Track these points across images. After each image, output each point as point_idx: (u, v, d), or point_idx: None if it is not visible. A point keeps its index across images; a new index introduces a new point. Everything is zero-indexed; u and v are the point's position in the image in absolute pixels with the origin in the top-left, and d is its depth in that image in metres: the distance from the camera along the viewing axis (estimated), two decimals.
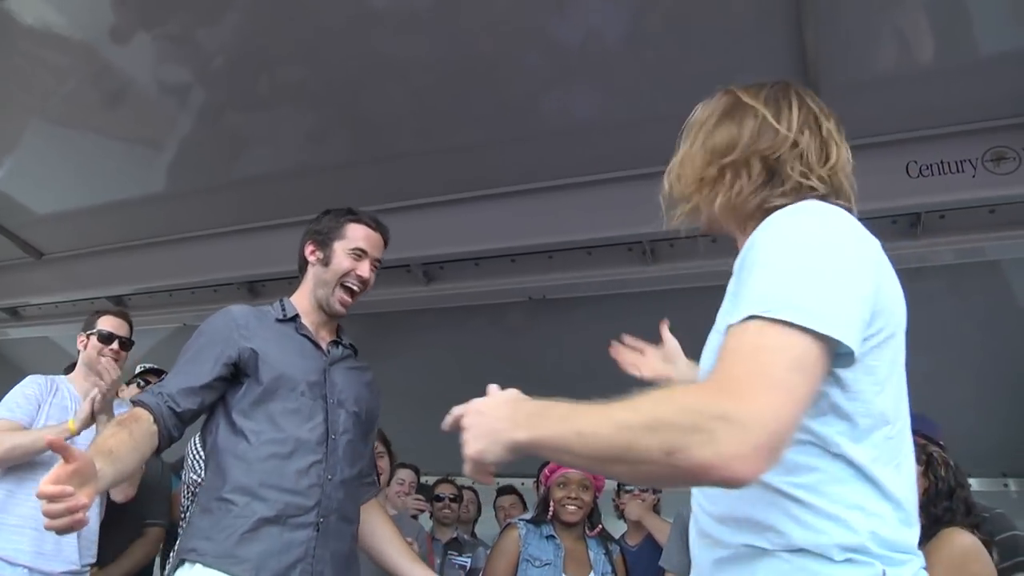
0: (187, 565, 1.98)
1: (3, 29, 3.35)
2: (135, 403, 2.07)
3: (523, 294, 4.07)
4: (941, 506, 2.58)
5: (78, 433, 2.86)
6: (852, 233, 1.25)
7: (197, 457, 3.25)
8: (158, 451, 2.08)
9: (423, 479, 4.68)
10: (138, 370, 3.88)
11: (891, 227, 3.37)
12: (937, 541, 2.47)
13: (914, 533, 1.22)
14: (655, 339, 3.90)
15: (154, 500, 3.54)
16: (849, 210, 1.35)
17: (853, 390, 1.18)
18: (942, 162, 3.17)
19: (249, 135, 3.81)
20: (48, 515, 1.50)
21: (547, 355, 4.60)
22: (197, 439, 3.36)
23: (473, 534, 4.85)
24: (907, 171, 3.22)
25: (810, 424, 1.17)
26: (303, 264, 2.45)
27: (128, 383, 3.68)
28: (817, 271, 1.14)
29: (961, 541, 2.46)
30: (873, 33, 2.89)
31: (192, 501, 3.25)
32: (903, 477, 1.22)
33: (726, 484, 1.03)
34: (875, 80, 3.03)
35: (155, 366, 3.89)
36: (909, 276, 3.56)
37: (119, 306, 4.98)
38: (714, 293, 3.64)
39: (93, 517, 2.95)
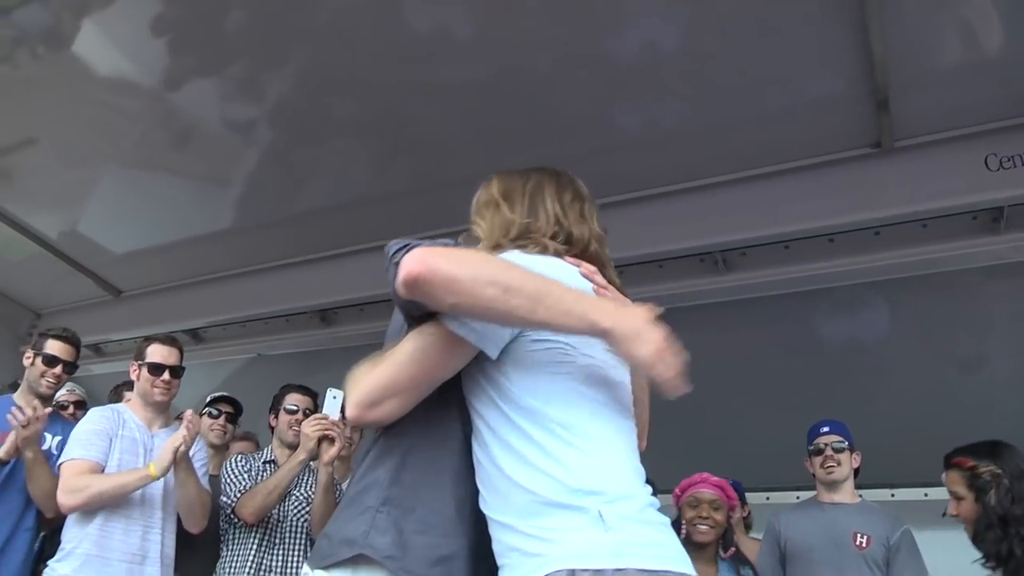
0: None
1: (80, 79, 3.46)
2: None
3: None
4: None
5: (159, 478, 2.93)
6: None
7: (232, 479, 3.33)
8: None
9: None
10: (209, 399, 3.92)
11: (971, 223, 3.25)
12: None
13: None
14: (730, 350, 3.85)
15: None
16: None
17: None
18: None
19: (312, 167, 3.86)
20: None
21: None
22: (233, 460, 3.42)
23: None
24: (986, 164, 3.10)
25: None
26: None
27: (201, 413, 3.72)
28: None
29: None
30: (940, 25, 2.80)
31: (229, 523, 3.32)
32: None
33: None
34: (945, 73, 2.93)
35: (226, 394, 3.91)
36: (990, 273, 3.47)
37: (195, 339, 5.10)
38: (788, 301, 3.57)
39: (170, 544, 3.09)
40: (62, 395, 3.81)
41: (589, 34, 2.96)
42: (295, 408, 3.50)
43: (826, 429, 3.41)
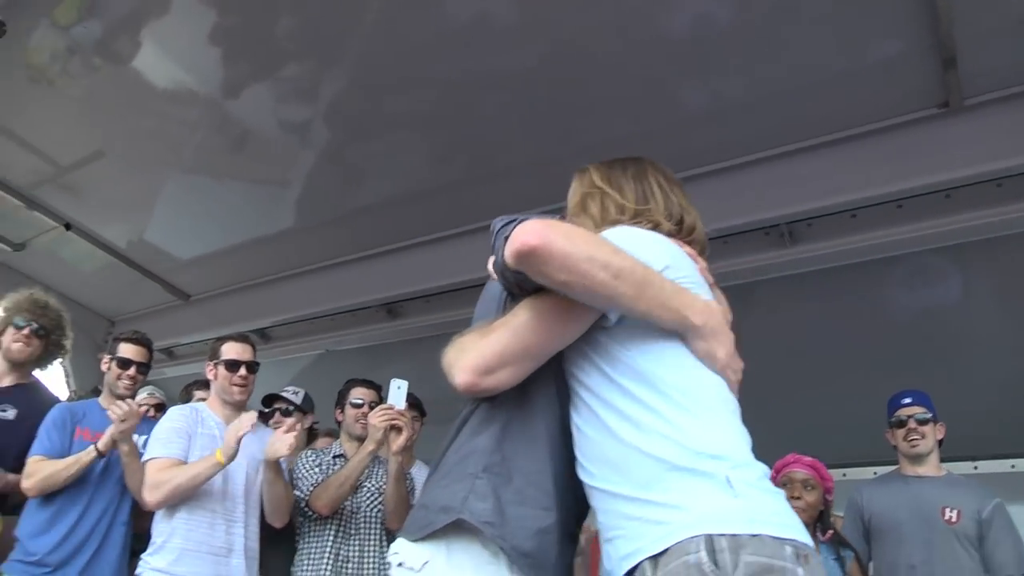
0: None
1: (140, 92, 3.55)
2: None
3: None
4: None
5: (226, 464, 3.00)
6: None
7: (304, 474, 3.39)
8: None
9: None
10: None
11: None
12: None
13: None
14: (799, 324, 3.75)
15: None
16: None
17: None
18: None
19: (369, 163, 3.89)
20: None
21: None
22: (304, 456, 3.48)
23: None
24: None
25: None
26: None
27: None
28: None
29: None
30: None
31: (304, 517, 3.37)
32: None
33: None
34: (1014, 25, 2.78)
35: (278, 392, 3.93)
36: None
37: (263, 338, 5.20)
38: (857, 271, 3.48)
39: (254, 537, 3.18)
40: (142, 398, 3.92)
41: (640, 11, 2.90)
42: (360, 402, 3.56)
43: (908, 400, 3.31)
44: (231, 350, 3.34)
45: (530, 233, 1.39)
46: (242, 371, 3.31)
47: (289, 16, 3.14)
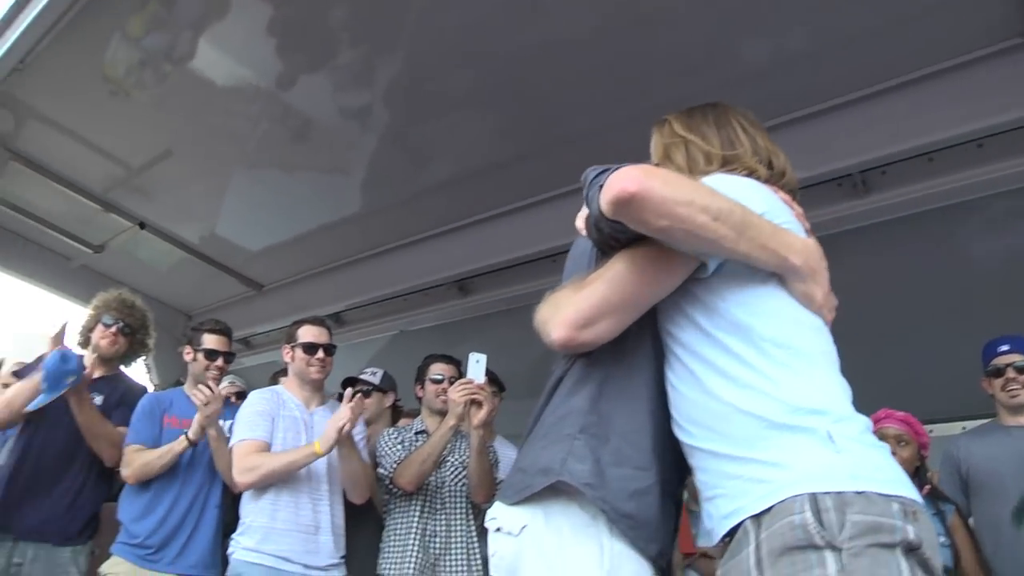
0: None
1: (202, 91, 3.61)
2: None
3: None
4: None
5: (324, 455, 3.10)
6: None
7: (387, 451, 3.43)
8: None
9: None
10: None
11: None
12: None
13: None
14: (878, 276, 3.61)
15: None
16: None
17: None
18: None
19: (432, 142, 3.88)
20: None
21: None
22: (386, 434, 3.52)
23: None
24: None
25: None
26: None
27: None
28: None
29: None
30: None
31: (390, 494, 3.42)
32: None
33: None
34: None
35: (356, 375, 4.01)
36: None
37: (338, 322, 5.29)
38: (936, 217, 3.32)
39: (340, 515, 3.27)
40: (224, 387, 4.05)
41: None
42: (440, 377, 3.59)
43: (1006, 347, 3.16)
44: (308, 333, 3.43)
45: (627, 179, 1.35)
46: (319, 353, 3.39)
47: (341, 2, 3.15)
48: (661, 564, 1.57)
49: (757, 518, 1.32)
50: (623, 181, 1.35)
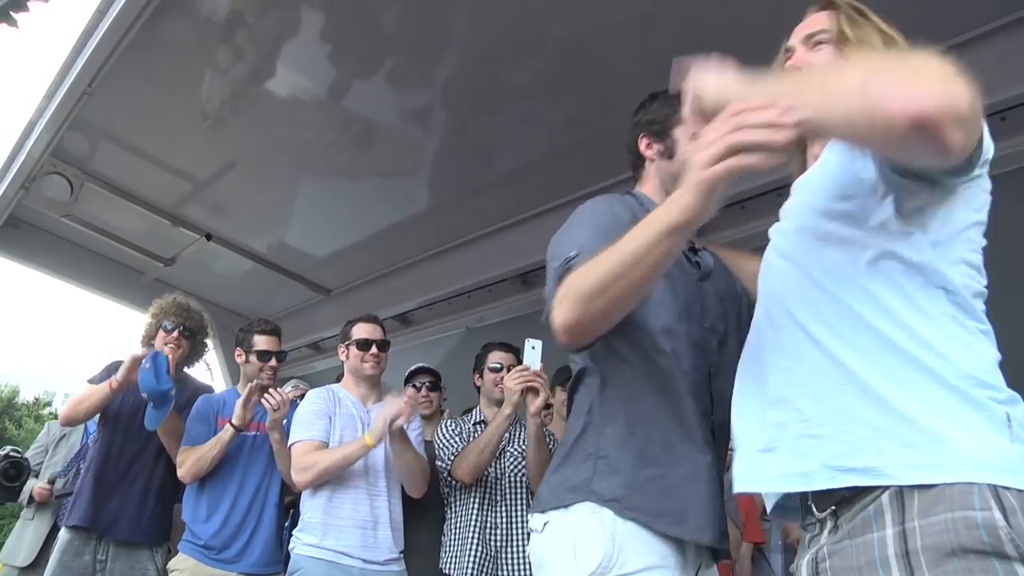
0: None
1: (265, 105, 3.68)
2: None
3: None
4: None
5: (375, 446, 3.10)
6: None
7: (445, 443, 3.40)
8: None
9: None
10: (407, 374, 4.04)
11: None
12: None
13: None
14: None
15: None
16: None
17: None
18: None
19: (492, 136, 3.87)
20: None
21: None
22: (444, 425, 3.49)
23: None
24: None
25: None
26: (639, 161, 2.14)
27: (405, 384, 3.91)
28: None
29: None
30: None
31: (449, 487, 3.40)
32: None
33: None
34: None
35: (423, 365, 4.02)
36: None
37: (404, 323, 5.35)
38: None
39: (398, 509, 3.28)
40: (287, 391, 4.13)
41: None
42: (499, 365, 3.53)
43: None
44: (361, 330, 3.45)
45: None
46: (373, 349, 3.40)
47: (393, 5, 3.16)
48: (695, 543, 1.64)
49: (902, 493, 1.08)
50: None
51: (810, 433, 1.20)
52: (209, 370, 5.59)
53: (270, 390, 3.30)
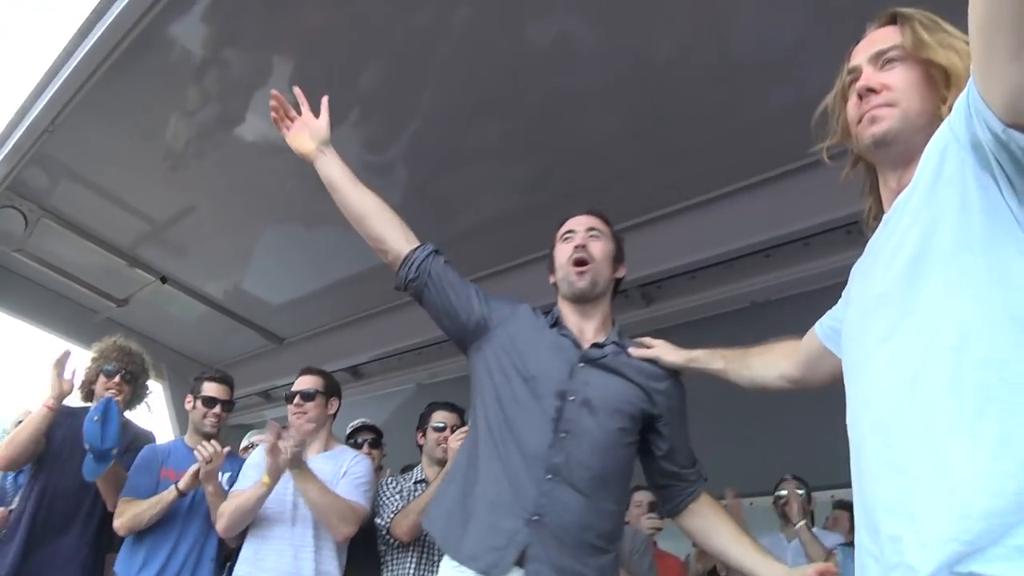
0: None
1: (232, 151, 3.72)
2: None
3: (745, 300, 3.89)
4: None
5: (272, 484, 3.05)
6: None
7: (385, 501, 3.36)
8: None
9: None
10: (348, 431, 4.05)
11: None
12: None
13: None
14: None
15: None
16: None
17: None
18: None
19: (454, 193, 3.95)
20: None
21: None
22: (384, 483, 3.46)
23: None
24: None
25: None
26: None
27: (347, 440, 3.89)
28: None
29: None
30: None
31: (386, 545, 3.35)
32: None
33: None
34: None
35: (365, 422, 4.01)
36: None
37: (356, 376, 5.32)
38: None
39: (330, 564, 3.18)
40: (245, 444, 4.07)
41: (705, 35, 2.91)
42: (442, 425, 3.52)
43: None
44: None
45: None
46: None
47: (370, 60, 3.25)
48: None
49: None
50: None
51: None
52: (150, 410, 5.53)
53: (203, 442, 3.24)
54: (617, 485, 2.13)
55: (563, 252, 2.38)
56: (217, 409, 3.52)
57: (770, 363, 2.06)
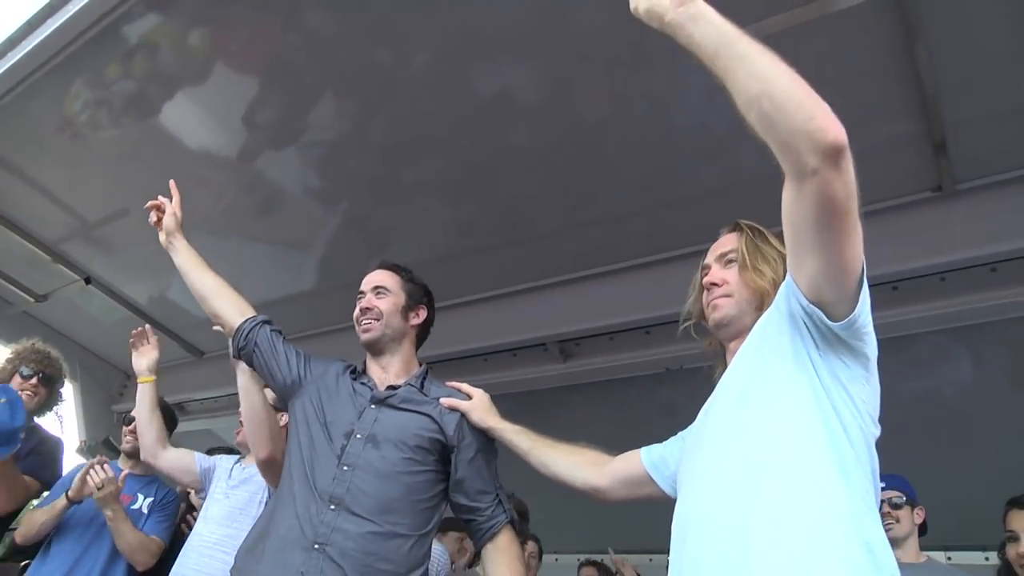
0: None
1: (174, 158, 3.73)
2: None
3: (659, 365, 3.98)
4: None
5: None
6: None
7: None
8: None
9: (555, 558, 4.69)
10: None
11: None
12: None
13: None
14: None
15: None
16: None
17: None
18: None
19: (391, 229, 4.01)
20: None
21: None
22: None
23: None
24: None
25: None
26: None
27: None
28: None
29: None
30: (997, 62, 2.69)
31: None
32: None
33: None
34: (1004, 112, 2.83)
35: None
36: None
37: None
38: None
39: None
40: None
41: (650, 87, 3.02)
42: None
43: (882, 485, 3.23)
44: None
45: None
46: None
47: (320, 87, 3.30)
48: None
49: None
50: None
51: None
52: (59, 419, 5.37)
53: (95, 467, 3.20)
54: (408, 512, 2.21)
55: (356, 310, 2.67)
56: (133, 426, 3.51)
57: (575, 466, 2.23)
